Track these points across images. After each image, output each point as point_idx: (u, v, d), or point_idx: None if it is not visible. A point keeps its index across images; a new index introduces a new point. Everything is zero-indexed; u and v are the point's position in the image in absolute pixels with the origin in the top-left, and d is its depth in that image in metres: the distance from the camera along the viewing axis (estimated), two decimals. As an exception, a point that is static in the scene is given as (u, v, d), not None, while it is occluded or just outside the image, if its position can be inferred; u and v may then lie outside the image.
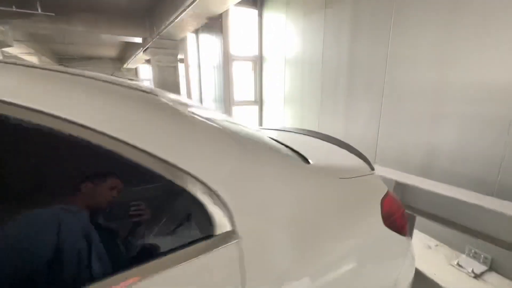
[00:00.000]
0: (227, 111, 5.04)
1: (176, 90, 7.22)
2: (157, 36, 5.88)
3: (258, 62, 5.00)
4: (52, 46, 11.66)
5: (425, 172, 2.06)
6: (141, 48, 7.29)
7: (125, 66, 14.87)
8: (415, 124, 2.14)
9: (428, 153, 2.04)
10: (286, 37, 3.98)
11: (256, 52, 5.01)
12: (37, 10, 4.08)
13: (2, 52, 6.72)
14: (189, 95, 7.52)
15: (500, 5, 1.60)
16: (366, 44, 2.54)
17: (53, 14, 4.32)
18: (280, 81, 4.31)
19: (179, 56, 7.44)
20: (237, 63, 5.10)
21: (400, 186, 1.58)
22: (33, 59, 13.90)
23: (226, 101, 5.03)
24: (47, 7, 4.28)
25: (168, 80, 7.10)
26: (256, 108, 5.34)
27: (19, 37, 7.56)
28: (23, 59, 12.96)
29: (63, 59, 15.82)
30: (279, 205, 0.60)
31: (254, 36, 4.98)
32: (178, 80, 7.36)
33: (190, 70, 7.35)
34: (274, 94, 4.68)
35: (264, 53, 4.88)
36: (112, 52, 13.42)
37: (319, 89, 3.30)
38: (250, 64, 5.24)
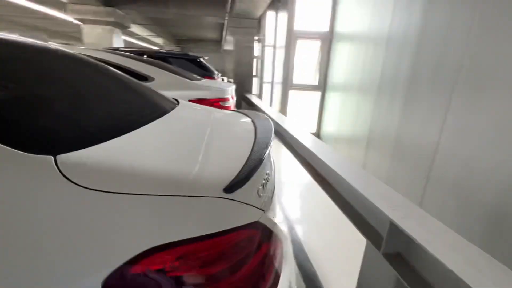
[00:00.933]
0: (284, 95, 4.65)
1: (249, 71, 7.25)
2: (228, 14, 5.92)
3: (327, 40, 4.29)
4: (169, 29, 13.82)
5: (497, 217, 1.20)
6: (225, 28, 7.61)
7: (223, 48, 16.18)
8: (498, 133, 1.26)
9: (509, 185, 1.16)
10: (353, 10, 3.17)
11: (326, 29, 4.29)
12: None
13: (124, 32, 8.41)
14: (261, 77, 7.44)
15: None
16: (444, 8, 1.64)
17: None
18: (342, 64, 3.56)
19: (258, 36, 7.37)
20: (303, 41, 4.55)
21: (397, 236, 0.94)
22: (158, 40, 17.00)
23: (284, 84, 4.62)
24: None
25: (243, 60, 7.20)
26: (318, 94, 4.70)
27: (140, 21, 9.31)
28: (150, 40, 15.96)
29: (180, 40, 18.64)
30: None
31: (326, 10, 4.26)
32: (252, 61, 7.35)
33: (266, 50, 7.19)
34: (336, 79, 3.96)
35: (336, 29, 4.13)
36: (213, 35, 14.79)
37: (378, 74, 2.49)
38: (318, 43, 4.57)
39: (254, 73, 7.57)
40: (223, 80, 6.96)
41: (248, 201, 0.59)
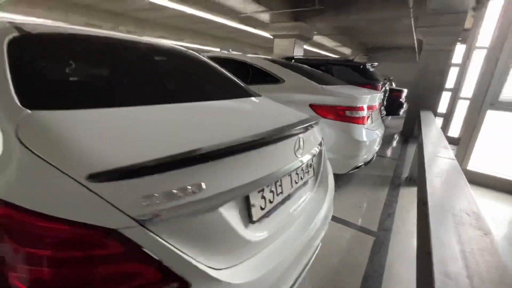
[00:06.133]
0: (473, 114, 3.16)
1: (438, 82, 5.60)
2: (413, 10, 4.77)
3: None
4: (356, 38, 13.49)
5: None
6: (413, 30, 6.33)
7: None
8: None
9: None
10: None
11: None
12: (315, 5, 5.10)
13: (311, 44, 9.18)
14: (455, 91, 5.57)
15: None
16: None
17: (323, 6, 5.15)
18: None
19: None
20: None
21: None
22: (346, 50, 16.92)
23: (477, 99, 3.12)
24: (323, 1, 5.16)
25: (431, 68, 5.69)
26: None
27: (326, 31, 9.82)
28: (337, 51, 16.28)
29: (369, 49, 17.57)
30: None
31: None
32: (447, 67, 5.60)
33: (474, 54, 5.26)
34: None
35: None
36: (406, 41, 12.74)
37: None
38: None
39: (446, 86, 5.77)
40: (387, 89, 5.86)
41: (115, 202, 0.47)
